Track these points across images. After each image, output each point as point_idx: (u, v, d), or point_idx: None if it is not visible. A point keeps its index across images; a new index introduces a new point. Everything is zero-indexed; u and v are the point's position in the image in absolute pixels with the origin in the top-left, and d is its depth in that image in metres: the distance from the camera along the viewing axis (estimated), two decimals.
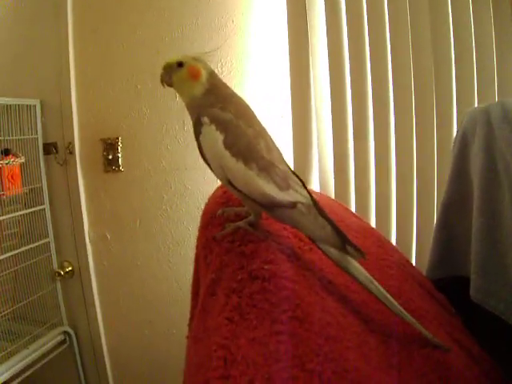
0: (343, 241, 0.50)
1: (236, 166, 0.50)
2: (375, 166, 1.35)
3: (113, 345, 1.67)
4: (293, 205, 0.50)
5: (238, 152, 0.50)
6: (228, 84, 0.58)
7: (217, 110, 0.52)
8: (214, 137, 0.51)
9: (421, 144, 1.32)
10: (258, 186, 0.50)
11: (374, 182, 1.36)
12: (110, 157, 1.49)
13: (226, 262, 0.49)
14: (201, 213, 0.64)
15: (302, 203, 0.51)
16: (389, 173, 1.34)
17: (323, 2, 1.33)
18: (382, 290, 0.52)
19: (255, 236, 0.52)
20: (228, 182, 0.52)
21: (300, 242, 0.62)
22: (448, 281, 1.04)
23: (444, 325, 0.68)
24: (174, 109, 1.50)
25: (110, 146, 1.49)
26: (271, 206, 0.50)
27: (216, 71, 1.47)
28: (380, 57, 1.31)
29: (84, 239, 1.58)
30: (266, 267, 0.47)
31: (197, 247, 0.71)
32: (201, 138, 0.52)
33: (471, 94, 1.27)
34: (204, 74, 0.55)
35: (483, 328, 0.83)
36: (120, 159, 1.51)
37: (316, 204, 0.52)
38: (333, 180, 1.39)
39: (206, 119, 0.51)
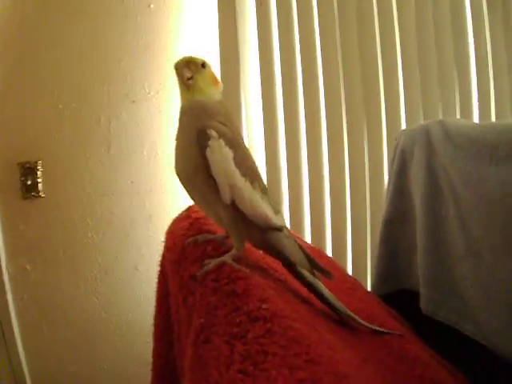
0: (312, 263, 0.54)
1: (245, 186, 0.48)
2: (309, 182, 1.36)
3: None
4: (281, 228, 0.52)
5: (245, 172, 0.48)
6: (156, 103, 0.56)
7: (220, 125, 0.49)
8: (225, 153, 0.47)
9: (353, 161, 1.34)
10: (262, 208, 0.49)
11: (308, 198, 1.37)
12: (29, 182, 1.36)
13: (215, 303, 0.45)
14: (129, 240, 0.60)
15: (286, 227, 0.53)
16: (322, 190, 1.36)
17: (255, 32, 1.33)
18: (346, 309, 0.56)
19: (242, 272, 0.48)
20: (228, 207, 0.48)
21: (276, 272, 0.59)
22: (393, 295, 1.05)
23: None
24: (99, 130, 1.41)
25: (29, 170, 1.36)
26: (266, 230, 0.50)
27: (142, 92, 1.43)
28: (311, 74, 1.32)
29: (1, 273, 1.43)
30: (264, 306, 0.43)
31: (158, 287, 0.65)
32: (208, 153, 0.47)
33: (398, 115, 1.32)
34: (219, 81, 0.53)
35: (432, 338, 0.84)
36: (40, 185, 1.38)
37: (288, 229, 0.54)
38: None
39: (213, 133, 0.47)
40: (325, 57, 1.33)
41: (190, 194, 0.51)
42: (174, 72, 0.52)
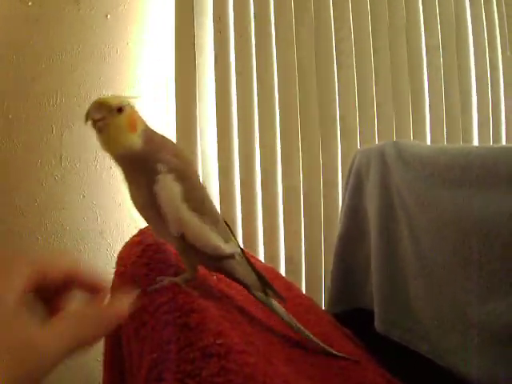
0: (264, 284, 0.56)
1: (193, 221, 0.48)
2: (262, 198, 1.35)
3: None
4: (232, 256, 0.53)
5: (194, 206, 0.49)
6: None
7: (172, 158, 0.49)
8: (173, 188, 0.47)
9: (308, 178, 1.34)
10: (211, 239, 0.50)
11: (261, 214, 1.35)
12: None
13: (167, 337, 0.42)
14: (80, 256, 0.57)
15: (238, 253, 0.54)
16: (275, 207, 1.35)
17: (212, 30, 1.31)
18: (301, 327, 0.58)
19: (195, 304, 0.46)
20: (178, 236, 0.49)
21: (230, 298, 0.57)
22: (348, 313, 1.05)
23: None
24: (50, 142, 1.35)
25: None
26: (218, 258, 0.52)
27: None
28: (267, 96, 1.32)
29: None
30: (218, 342, 0.41)
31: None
32: (156, 188, 0.47)
33: (355, 135, 1.33)
34: (140, 124, 0.50)
35: (388, 358, 0.84)
36: None
37: (243, 252, 0.56)
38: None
39: (162, 167, 0.47)
40: (281, 79, 1.33)
41: (147, 223, 0.52)
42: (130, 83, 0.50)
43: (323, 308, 1.11)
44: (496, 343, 0.70)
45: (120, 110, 0.47)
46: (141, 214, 0.51)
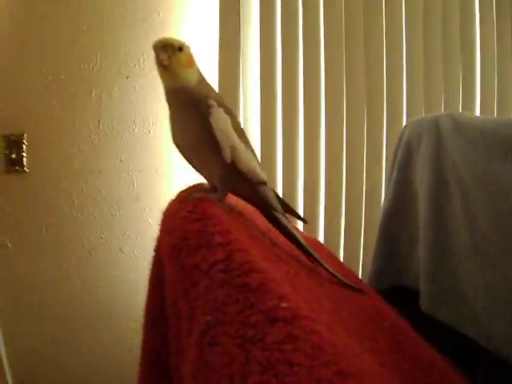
0: (286, 209, 0.62)
1: (242, 147, 0.54)
2: (304, 172, 1.30)
3: (14, 363, 1.44)
4: (266, 182, 0.58)
5: (240, 135, 0.55)
6: (151, 80, 0.57)
7: (217, 96, 0.55)
8: (225, 119, 0.53)
9: (351, 153, 1.29)
10: (254, 165, 0.56)
11: (303, 188, 1.31)
12: (14, 156, 1.27)
13: (224, 298, 0.38)
14: (115, 220, 0.57)
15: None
16: (317, 182, 1.30)
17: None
18: (309, 248, 0.62)
19: (255, 263, 0.41)
20: (227, 165, 0.53)
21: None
22: (390, 290, 1.00)
23: None
24: (89, 105, 1.32)
25: (14, 143, 1.27)
26: (256, 184, 0.57)
27: (137, 67, 1.35)
28: (313, 58, 1.26)
29: None
30: (283, 305, 0.36)
31: (152, 274, 0.58)
32: (211, 119, 0.52)
33: (400, 109, 1.27)
34: (195, 63, 0.55)
35: (431, 338, 0.79)
36: (25, 159, 1.29)
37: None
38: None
39: (213, 102, 0.52)
40: (328, 50, 1.27)
41: (188, 160, 0.57)
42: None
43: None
44: None
45: (181, 48, 0.53)
46: (187, 152, 0.56)
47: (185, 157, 0.57)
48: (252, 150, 0.57)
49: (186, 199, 0.53)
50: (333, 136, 1.27)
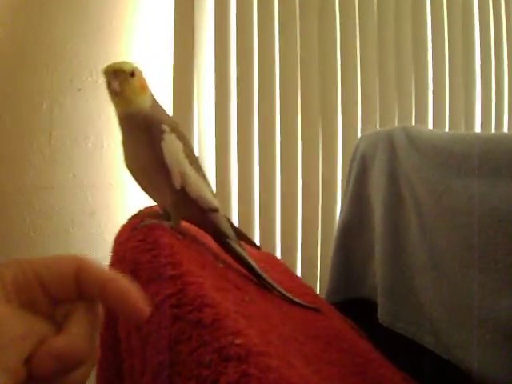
0: (238, 235, 0.62)
1: (193, 174, 0.54)
2: (259, 186, 1.29)
3: None
4: (217, 209, 0.58)
5: (192, 161, 0.54)
6: (105, 93, 0.54)
7: (171, 121, 0.54)
8: (177, 145, 0.52)
9: (306, 166, 1.29)
10: (204, 192, 0.56)
11: (258, 203, 1.29)
12: None
13: (177, 336, 0.36)
14: (69, 238, 0.55)
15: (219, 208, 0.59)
16: (273, 196, 1.29)
17: (213, 7, 1.23)
18: (262, 273, 0.62)
19: (208, 297, 0.39)
20: (177, 191, 0.53)
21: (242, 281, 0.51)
22: (347, 303, 1.00)
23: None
24: (40, 118, 1.27)
25: None
26: (207, 210, 0.57)
27: (90, 79, 1.30)
28: (268, 77, 1.25)
29: None
30: (237, 342, 0.35)
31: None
32: (163, 145, 0.51)
33: (355, 121, 1.27)
34: (148, 87, 0.54)
35: (389, 350, 0.79)
36: None
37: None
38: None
39: (166, 127, 0.52)
40: (283, 60, 1.27)
41: (141, 185, 0.57)
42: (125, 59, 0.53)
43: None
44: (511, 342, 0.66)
45: (132, 74, 0.51)
46: (139, 176, 0.56)
47: (137, 180, 0.57)
48: (204, 177, 0.58)
49: (138, 226, 0.50)
50: (288, 151, 1.27)
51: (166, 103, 1.29)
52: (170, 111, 1.28)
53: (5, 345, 0.23)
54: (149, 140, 0.51)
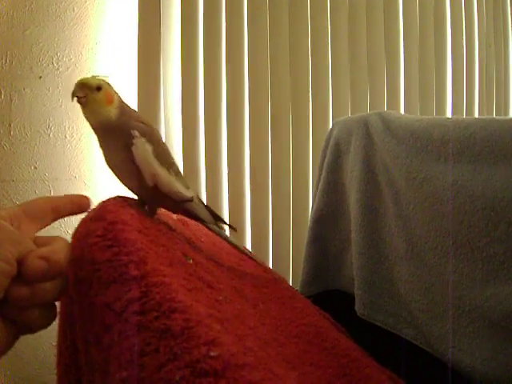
0: (216, 218, 0.68)
1: (163, 173, 0.58)
2: (228, 178, 1.23)
3: None
4: (192, 199, 0.63)
5: (163, 161, 0.58)
6: (66, 81, 0.57)
7: (141, 125, 0.57)
8: (146, 148, 0.56)
9: (277, 155, 1.24)
10: (176, 188, 0.60)
11: (227, 195, 1.24)
12: None
13: (141, 347, 0.30)
14: None
15: (195, 197, 0.64)
16: (242, 187, 1.23)
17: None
18: (247, 251, 0.70)
19: (176, 300, 0.34)
20: (151, 187, 0.57)
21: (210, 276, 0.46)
22: (322, 296, 0.96)
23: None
24: None
25: None
26: (182, 201, 0.61)
27: (51, 66, 1.22)
28: (236, 56, 1.19)
29: None
30: (212, 354, 0.29)
31: (61, 308, 0.48)
32: (133, 149, 0.55)
33: (326, 108, 1.23)
34: (116, 99, 0.56)
35: (367, 342, 0.75)
36: None
37: (198, 197, 0.67)
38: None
39: (136, 132, 0.55)
40: (251, 50, 1.21)
41: (120, 180, 0.59)
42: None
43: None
44: (495, 332, 0.63)
45: (99, 88, 0.54)
46: (117, 173, 0.58)
47: (117, 177, 0.59)
48: (176, 172, 0.62)
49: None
50: (258, 138, 1.21)
51: (132, 94, 1.22)
52: (135, 102, 1.21)
53: (3, 241, 0.32)
54: (120, 145, 0.55)
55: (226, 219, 1.24)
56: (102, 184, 1.23)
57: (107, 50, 1.24)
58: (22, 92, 1.20)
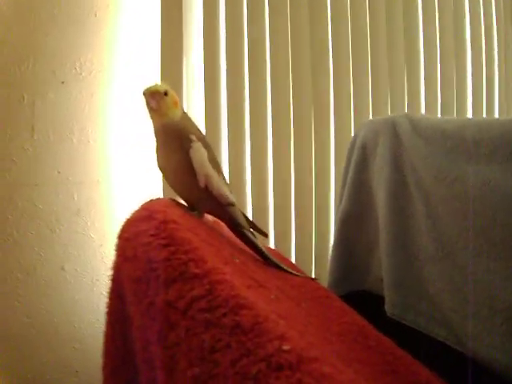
0: (253, 228, 0.72)
1: (214, 175, 0.62)
2: (251, 182, 1.24)
3: None
4: (234, 203, 0.67)
5: (214, 165, 0.63)
6: (89, 86, 0.58)
7: (198, 132, 0.64)
8: (202, 152, 0.61)
9: (299, 159, 1.24)
10: (224, 190, 0.64)
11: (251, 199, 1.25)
12: None
13: (212, 344, 0.31)
14: (54, 236, 0.49)
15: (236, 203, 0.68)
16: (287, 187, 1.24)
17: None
18: (274, 259, 0.71)
19: (241, 296, 0.34)
20: (202, 188, 0.62)
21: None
22: (349, 296, 0.96)
23: None
24: (21, 112, 1.19)
25: None
26: (226, 205, 0.65)
27: (74, 72, 1.23)
28: (259, 56, 1.20)
29: None
30: (285, 348, 0.30)
31: (110, 308, 0.48)
32: (191, 152, 0.60)
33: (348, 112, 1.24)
34: (179, 103, 0.63)
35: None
36: None
37: None
38: None
39: (194, 137, 0.61)
40: (273, 53, 1.22)
41: (170, 183, 0.64)
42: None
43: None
44: None
45: (166, 93, 0.61)
46: (169, 174, 0.63)
47: (167, 179, 0.65)
48: (223, 178, 0.67)
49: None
50: (279, 141, 1.22)
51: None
52: None
53: None
54: (179, 147, 0.60)
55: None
56: (124, 188, 1.24)
57: (129, 55, 1.25)
58: (45, 96, 1.21)
